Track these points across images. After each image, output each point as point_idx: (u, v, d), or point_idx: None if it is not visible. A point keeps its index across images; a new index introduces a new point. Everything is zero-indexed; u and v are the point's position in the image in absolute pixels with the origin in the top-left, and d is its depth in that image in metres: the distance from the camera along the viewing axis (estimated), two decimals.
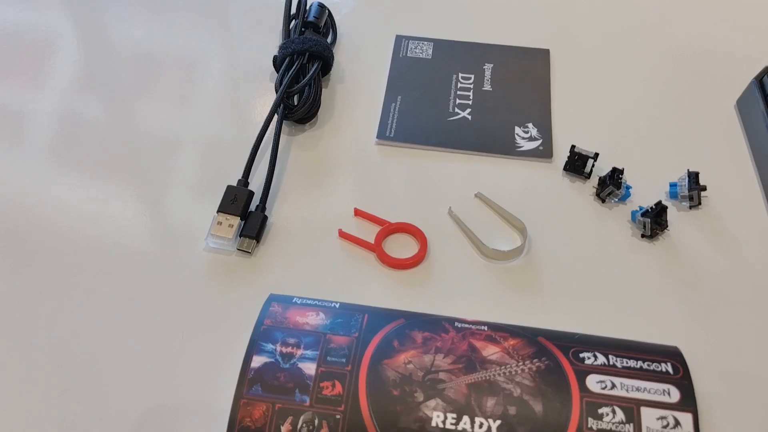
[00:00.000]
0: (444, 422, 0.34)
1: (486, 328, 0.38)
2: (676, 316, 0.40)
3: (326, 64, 0.50)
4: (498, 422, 0.34)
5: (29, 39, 0.54)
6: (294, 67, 0.48)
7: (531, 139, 0.49)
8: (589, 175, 0.46)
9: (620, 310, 0.40)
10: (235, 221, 0.42)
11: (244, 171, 0.44)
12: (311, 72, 0.48)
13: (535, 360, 0.36)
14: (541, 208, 0.45)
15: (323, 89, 0.52)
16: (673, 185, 0.45)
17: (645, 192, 0.46)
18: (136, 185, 0.45)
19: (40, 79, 0.51)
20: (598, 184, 0.45)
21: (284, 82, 0.47)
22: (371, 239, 0.42)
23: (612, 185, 0.44)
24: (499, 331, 0.38)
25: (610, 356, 0.37)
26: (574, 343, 0.37)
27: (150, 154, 0.47)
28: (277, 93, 0.47)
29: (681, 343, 0.39)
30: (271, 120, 0.46)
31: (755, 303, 0.40)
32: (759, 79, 0.49)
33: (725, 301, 0.41)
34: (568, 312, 0.40)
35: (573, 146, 0.46)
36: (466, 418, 0.34)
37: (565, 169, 0.47)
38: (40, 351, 0.37)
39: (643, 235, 0.43)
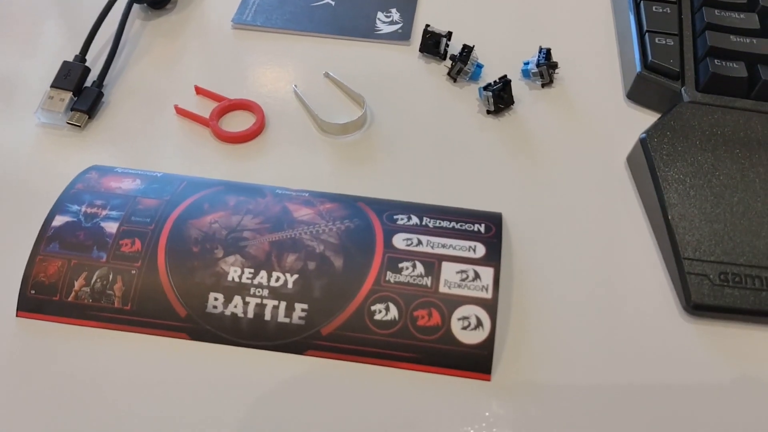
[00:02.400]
0: (240, 277, 0.34)
1: (307, 194, 0.37)
2: (509, 187, 0.39)
3: None
4: (295, 276, 0.34)
5: None
6: None
7: (392, 23, 0.48)
8: (444, 56, 0.45)
9: (455, 182, 0.39)
10: (67, 96, 0.41)
11: (82, 47, 0.43)
12: None
13: (345, 221, 0.36)
14: (391, 87, 0.44)
15: None
16: (526, 63, 0.44)
17: (502, 73, 0.45)
18: None
19: None
20: (451, 64, 0.44)
21: None
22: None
23: (460, 62, 0.43)
24: (318, 197, 0.37)
25: (425, 218, 0.36)
26: (391, 208, 0.37)
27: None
28: None
29: (509, 212, 0.38)
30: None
31: (590, 177, 0.40)
32: None
33: (560, 175, 0.40)
34: (402, 183, 0.39)
35: (427, 25, 0.45)
36: (263, 273, 0.34)
37: (420, 50, 0.45)
38: None
39: (488, 111, 0.42)
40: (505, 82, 0.42)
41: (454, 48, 0.46)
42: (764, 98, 0.40)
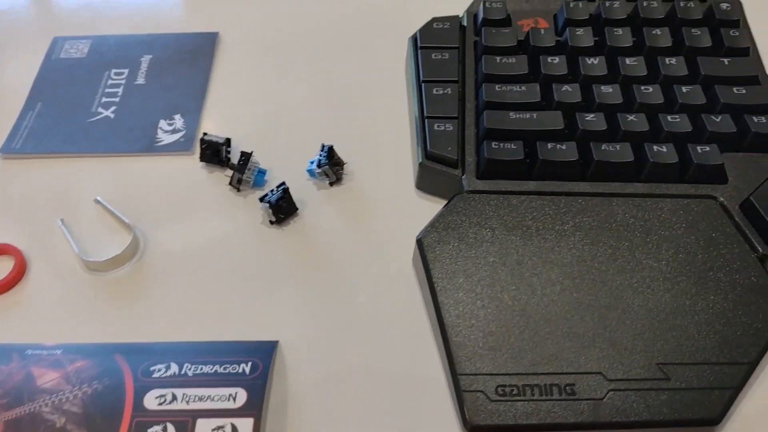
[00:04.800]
0: None
1: (60, 351, 0.34)
2: (290, 307, 0.36)
3: None
4: None
5: None
6: None
7: (174, 131, 0.45)
8: (227, 163, 0.43)
9: (233, 309, 0.36)
10: None
11: None
12: None
13: (94, 383, 0.32)
14: (171, 205, 0.41)
15: None
16: (311, 162, 0.42)
17: (291, 175, 0.42)
18: None
19: None
20: (232, 173, 0.41)
21: None
22: None
23: (237, 171, 0.41)
24: (72, 354, 0.34)
25: (186, 365, 0.33)
26: (153, 355, 0.33)
27: None
28: None
29: (290, 334, 0.35)
30: None
31: (378, 284, 0.37)
32: (414, 37, 0.46)
33: (345, 287, 0.37)
34: (174, 319, 0.36)
35: (204, 134, 0.42)
36: None
37: (201, 159, 0.43)
38: None
39: (271, 222, 0.40)
40: (283, 190, 0.40)
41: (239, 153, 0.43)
42: (546, 177, 0.38)
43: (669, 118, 0.39)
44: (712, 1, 0.45)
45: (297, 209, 0.40)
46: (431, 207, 0.40)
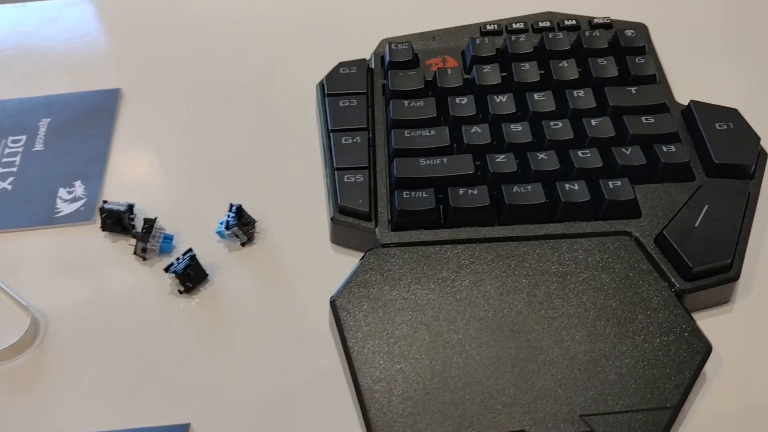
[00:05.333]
0: None
1: None
2: (203, 384, 0.35)
3: None
4: None
5: None
6: None
7: (74, 200, 0.42)
8: (131, 231, 0.40)
9: (143, 390, 0.34)
10: None
11: None
12: None
13: None
14: (73, 281, 0.39)
15: None
16: (221, 223, 0.40)
17: (201, 238, 0.40)
18: None
19: None
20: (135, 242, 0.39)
21: None
22: None
23: (140, 240, 0.39)
24: None
25: None
26: None
27: None
28: None
29: (204, 415, 0.33)
30: None
31: (294, 353, 0.36)
32: (321, 84, 0.45)
33: (260, 358, 0.36)
34: (78, 408, 0.34)
35: (104, 202, 0.40)
36: None
37: (103, 229, 0.40)
38: None
39: (180, 291, 0.38)
40: (190, 257, 0.38)
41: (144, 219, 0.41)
42: (459, 225, 0.37)
43: (580, 153, 0.39)
44: (617, 29, 0.45)
45: (207, 275, 0.38)
46: (348, 261, 0.39)
